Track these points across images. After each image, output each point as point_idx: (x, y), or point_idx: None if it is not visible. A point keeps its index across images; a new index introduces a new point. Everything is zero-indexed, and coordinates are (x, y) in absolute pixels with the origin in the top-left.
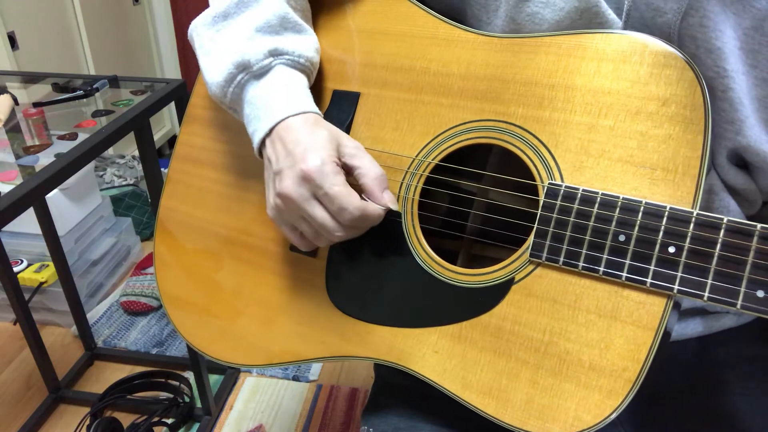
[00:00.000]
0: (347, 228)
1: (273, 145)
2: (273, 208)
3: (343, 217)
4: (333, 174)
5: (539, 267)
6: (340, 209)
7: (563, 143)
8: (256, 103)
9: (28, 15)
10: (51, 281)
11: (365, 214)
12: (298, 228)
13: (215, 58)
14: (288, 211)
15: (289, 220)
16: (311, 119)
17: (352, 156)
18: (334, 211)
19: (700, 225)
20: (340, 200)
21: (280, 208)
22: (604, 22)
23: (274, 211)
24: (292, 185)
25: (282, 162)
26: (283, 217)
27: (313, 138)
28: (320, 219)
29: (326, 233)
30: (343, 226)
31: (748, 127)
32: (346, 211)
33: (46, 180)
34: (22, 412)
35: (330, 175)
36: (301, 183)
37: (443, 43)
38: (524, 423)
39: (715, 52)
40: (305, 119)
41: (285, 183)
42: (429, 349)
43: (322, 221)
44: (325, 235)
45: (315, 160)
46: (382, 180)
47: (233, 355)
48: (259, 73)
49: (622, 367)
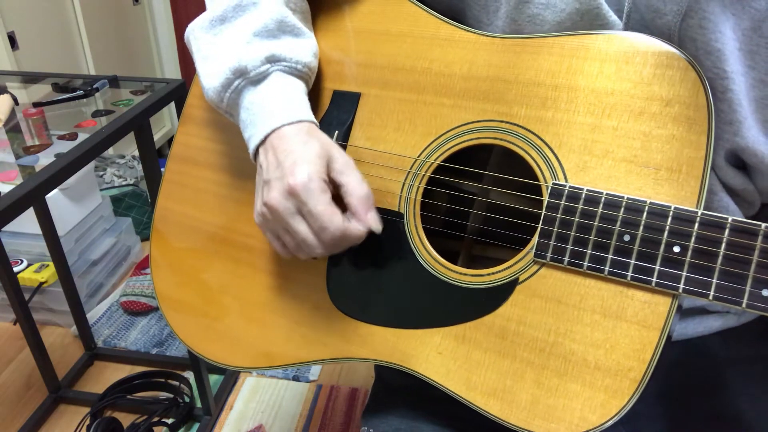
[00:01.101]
0: (327, 246)
1: (266, 153)
2: (259, 215)
3: (324, 236)
4: (318, 192)
5: (543, 267)
6: (322, 228)
7: (567, 143)
8: (253, 109)
9: (28, 15)
10: (51, 281)
11: (345, 234)
12: (281, 238)
13: (212, 62)
14: (273, 221)
15: (273, 229)
16: (305, 129)
17: (341, 173)
18: (316, 230)
19: (705, 224)
20: (322, 219)
21: (265, 217)
22: (605, 24)
23: (260, 218)
24: (279, 197)
25: (272, 172)
26: (268, 225)
27: (304, 150)
28: (302, 234)
29: (307, 248)
30: (323, 244)
31: (747, 128)
32: (327, 231)
33: (46, 180)
34: (22, 412)
35: (315, 193)
36: (287, 197)
37: (445, 43)
38: (529, 423)
39: (715, 54)
40: (299, 128)
41: (272, 194)
42: (432, 350)
43: (303, 237)
44: (305, 249)
45: (302, 176)
46: (367, 200)
47: (232, 358)
48: (256, 80)
49: (628, 367)
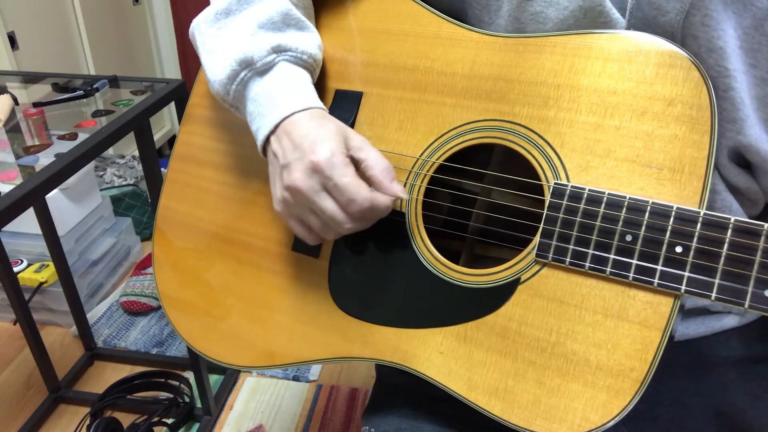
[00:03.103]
0: (356, 220)
1: (279, 140)
2: (281, 202)
3: (352, 209)
4: (342, 165)
5: (545, 267)
6: (350, 200)
7: (569, 143)
8: (260, 100)
9: (28, 15)
10: (51, 281)
11: (374, 204)
12: (306, 221)
13: (217, 55)
14: (296, 204)
15: (296, 213)
16: (317, 114)
17: (359, 149)
18: (344, 203)
19: (708, 225)
20: (349, 191)
21: (288, 202)
22: (609, 22)
23: (281, 205)
24: (302, 177)
25: (290, 155)
26: (291, 210)
27: (320, 131)
28: (330, 211)
29: (335, 225)
30: (352, 218)
31: (749, 126)
32: (355, 202)
33: (46, 180)
34: (22, 412)
35: (339, 166)
36: (311, 174)
37: (447, 42)
38: (531, 423)
39: (717, 51)
40: (311, 114)
41: (294, 175)
42: (434, 350)
43: (331, 213)
44: (333, 227)
45: (325, 152)
46: (389, 171)
47: (234, 357)
48: (263, 70)
49: (630, 368)
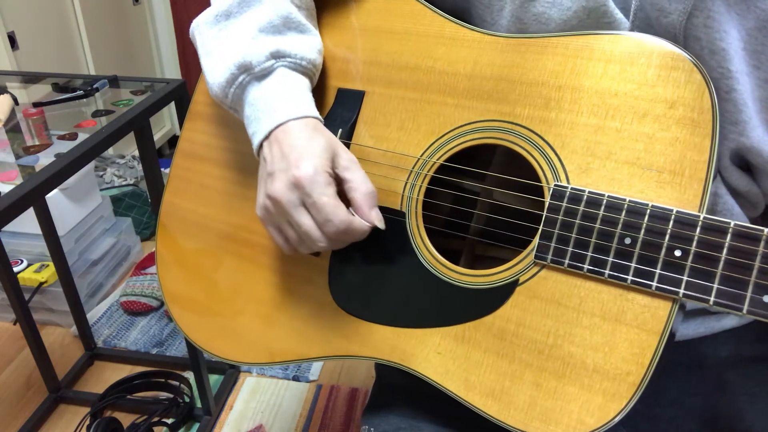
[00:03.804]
0: (330, 240)
1: (270, 146)
2: (261, 208)
3: (328, 228)
4: (324, 184)
5: (544, 269)
6: (326, 220)
7: (569, 145)
8: (257, 105)
9: (28, 15)
10: (51, 281)
11: (350, 228)
12: (284, 232)
13: (217, 58)
14: (276, 214)
15: (276, 222)
16: (311, 124)
17: (346, 168)
18: (320, 222)
19: (707, 229)
20: (326, 211)
21: (268, 209)
22: (612, 22)
23: (262, 211)
24: (283, 188)
25: (276, 164)
26: (271, 218)
27: (310, 144)
28: (305, 227)
29: (309, 242)
30: (326, 237)
31: (752, 128)
32: (331, 223)
33: (46, 180)
34: (22, 412)
35: (320, 185)
36: (292, 188)
37: (449, 42)
38: (527, 425)
39: (720, 53)
40: (305, 124)
41: (276, 185)
42: (432, 350)
43: (307, 229)
44: (308, 243)
45: (308, 168)
46: (371, 197)
47: (234, 353)
48: (261, 75)
49: (626, 371)
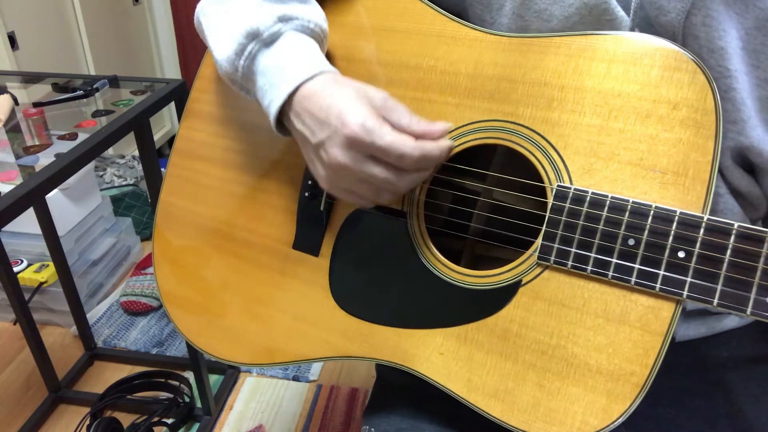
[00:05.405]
0: (412, 174)
1: (300, 119)
2: (327, 180)
3: (405, 163)
4: (379, 126)
5: (547, 270)
6: (399, 156)
7: (572, 145)
8: (270, 72)
9: (28, 15)
10: (51, 281)
11: (425, 151)
12: (357, 191)
13: (224, 32)
14: (343, 178)
15: (345, 186)
16: (330, 80)
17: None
18: (394, 161)
19: (711, 230)
20: (395, 147)
21: (332, 179)
22: (613, 20)
23: (328, 183)
24: (342, 153)
25: (320, 133)
26: (339, 184)
27: (341, 99)
28: (381, 175)
29: (390, 187)
30: (406, 175)
31: (751, 127)
32: (406, 156)
33: (46, 180)
34: (22, 412)
35: (376, 129)
36: (350, 147)
37: (451, 41)
38: (530, 426)
39: (718, 52)
40: (324, 81)
41: (332, 152)
42: (434, 351)
43: (384, 177)
44: (389, 188)
45: (356, 120)
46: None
47: (234, 354)
48: (270, 41)
49: (630, 372)
